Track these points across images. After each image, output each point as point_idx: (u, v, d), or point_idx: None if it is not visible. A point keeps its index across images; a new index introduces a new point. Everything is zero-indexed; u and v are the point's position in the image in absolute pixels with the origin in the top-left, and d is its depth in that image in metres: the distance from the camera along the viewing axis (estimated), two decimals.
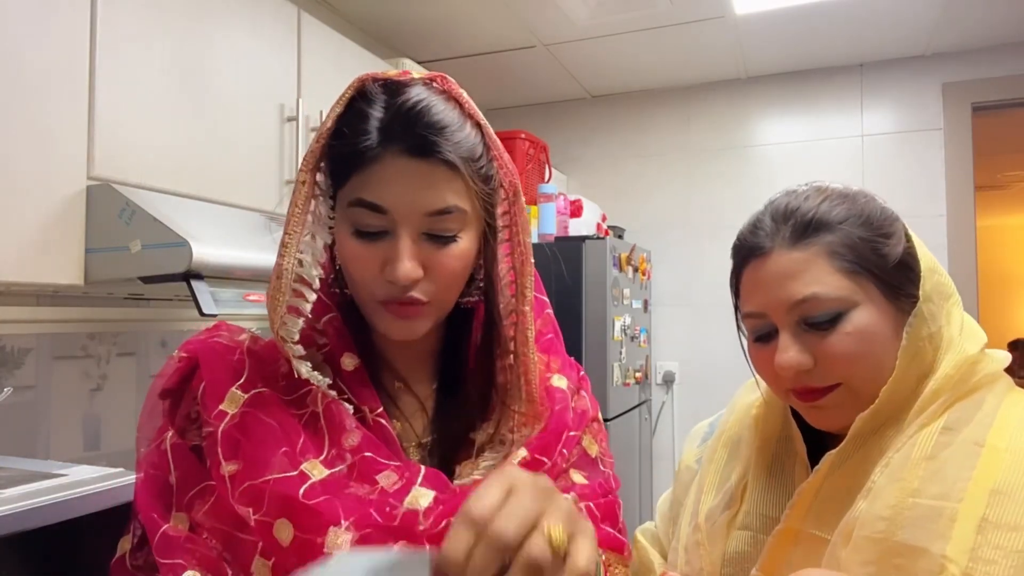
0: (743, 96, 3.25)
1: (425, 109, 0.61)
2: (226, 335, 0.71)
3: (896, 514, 0.62)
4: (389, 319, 0.65)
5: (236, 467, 0.61)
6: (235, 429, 0.62)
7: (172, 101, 1.51)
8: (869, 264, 0.69)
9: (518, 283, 0.69)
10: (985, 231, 4.12)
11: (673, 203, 3.34)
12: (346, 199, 0.63)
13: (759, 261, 0.72)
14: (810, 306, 0.68)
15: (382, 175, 0.61)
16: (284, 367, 0.67)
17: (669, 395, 3.30)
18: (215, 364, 0.66)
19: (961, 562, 0.58)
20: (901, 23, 2.68)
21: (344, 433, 0.64)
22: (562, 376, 0.76)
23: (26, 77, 1.25)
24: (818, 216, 0.70)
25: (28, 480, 1.13)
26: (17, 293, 1.51)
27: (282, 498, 0.59)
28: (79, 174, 1.34)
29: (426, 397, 0.72)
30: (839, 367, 0.69)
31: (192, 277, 1.33)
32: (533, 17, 2.62)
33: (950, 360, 0.68)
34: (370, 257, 0.63)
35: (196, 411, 0.66)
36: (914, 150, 2.97)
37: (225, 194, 1.62)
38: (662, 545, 0.93)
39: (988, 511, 0.60)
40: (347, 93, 0.64)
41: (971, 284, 2.83)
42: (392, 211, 0.61)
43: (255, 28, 1.73)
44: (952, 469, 0.62)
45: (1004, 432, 0.64)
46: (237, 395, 0.64)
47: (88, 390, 1.70)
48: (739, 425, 0.84)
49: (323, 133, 0.63)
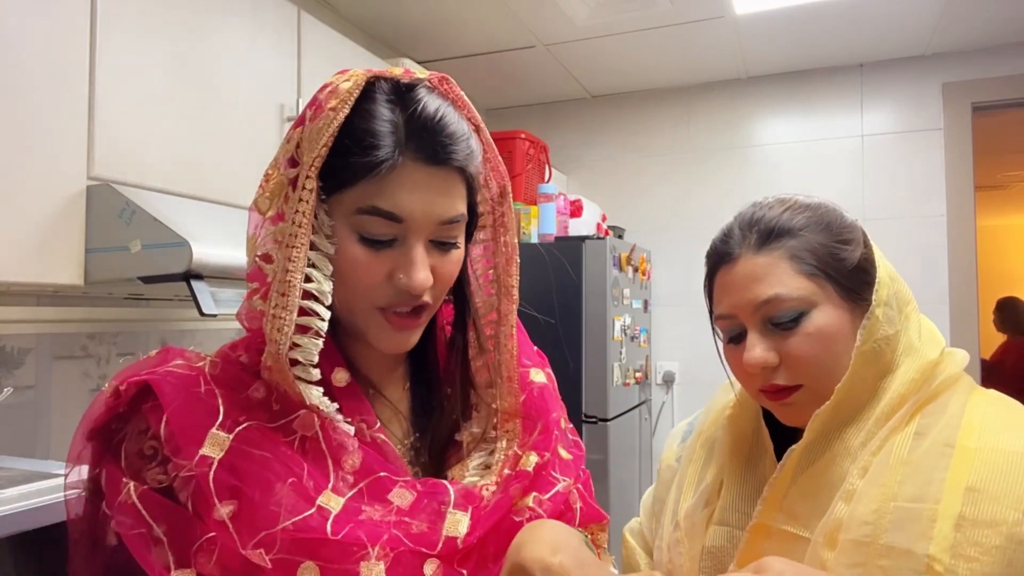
0: (743, 96, 3.25)
1: (442, 118, 0.60)
2: (181, 363, 0.63)
3: (879, 518, 0.65)
4: (388, 330, 0.63)
5: (232, 509, 0.56)
6: (227, 473, 0.57)
7: (172, 101, 1.51)
8: (828, 267, 0.74)
9: (501, 282, 0.70)
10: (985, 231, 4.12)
11: (673, 203, 3.34)
12: (353, 205, 0.60)
13: (728, 266, 0.78)
14: (773, 306, 0.73)
15: (399, 183, 0.59)
16: (259, 392, 0.62)
17: (669, 395, 3.30)
18: (178, 399, 0.59)
19: (944, 560, 0.61)
20: (901, 23, 2.68)
21: (345, 454, 0.61)
22: (538, 370, 0.78)
23: (26, 77, 1.25)
24: (780, 223, 0.76)
25: (28, 480, 1.13)
26: (17, 293, 1.51)
27: (307, 542, 0.56)
28: (79, 174, 1.34)
29: (398, 400, 0.72)
30: (801, 367, 0.74)
31: (192, 277, 1.33)
32: (533, 17, 2.62)
33: (911, 363, 0.73)
34: (377, 265, 0.61)
35: (152, 447, 0.59)
36: (914, 150, 2.97)
37: (225, 194, 1.62)
38: (646, 541, 0.98)
39: (964, 509, 0.63)
40: (353, 92, 0.59)
41: (971, 284, 2.83)
42: (408, 219, 0.60)
43: (255, 28, 1.73)
44: (926, 471, 0.66)
45: (971, 432, 0.68)
46: (220, 436, 0.58)
47: (88, 390, 1.70)
48: (714, 426, 0.89)
49: (331, 135, 0.58)
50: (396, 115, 0.60)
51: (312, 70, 1.89)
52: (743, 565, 0.74)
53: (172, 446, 0.58)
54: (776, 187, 3.45)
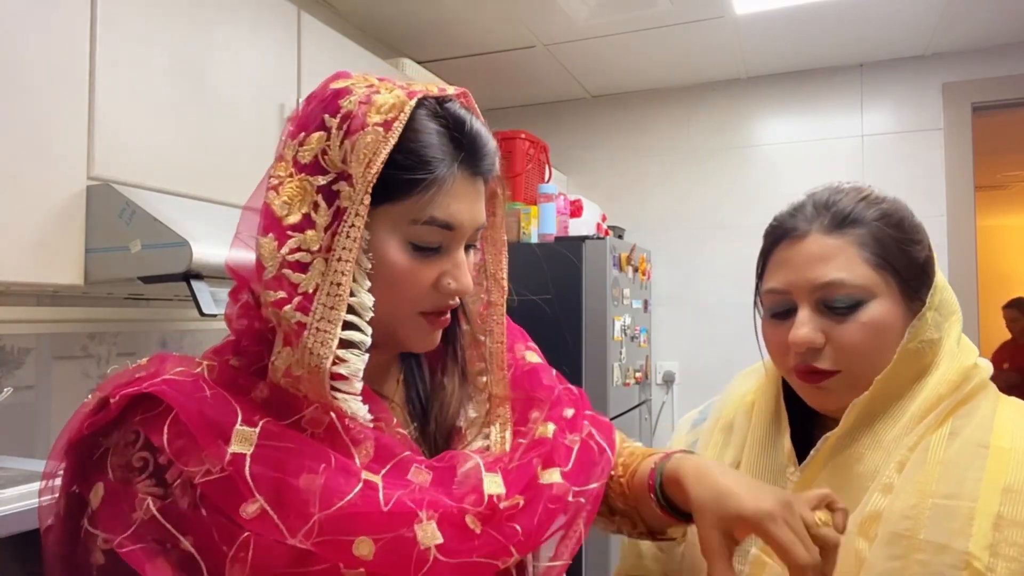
0: (743, 96, 3.24)
1: (482, 135, 0.66)
2: (180, 369, 0.63)
3: (918, 513, 0.67)
4: (427, 330, 0.68)
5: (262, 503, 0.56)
6: (264, 467, 0.57)
7: (172, 101, 1.51)
8: (895, 261, 0.75)
9: (491, 273, 0.74)
10: (985, 231, 4.12)
11: (673, 203, 3.34)
12: (406, 217, 0.62)
13: (794, 241, 0.78)
14: (834, 289, 0.74)
15: (452, 195, 0.63)
16: (263, 392, 0.63)
17: (669, 395, 3.30)
18: (190, 403, 0.59)
19: (983, 558, 0.63)
20: (901, 23, 2.68)
21: (359, 444, 0.62)
22: (531, 351, 0.82)
23: (26, 77, 1.25)
24: (856, 212, 0.76)
25: (28, 480, 1.14)
26: (17, 293, 1.51)
27: (360, 517, 0.57)
28: (79, 174, 1.34)
29: (392, 392, 0.74)
30: (846, 354, 0.74)
31: (192, 277, 1.33)
32: (533, 17, 2.62)
33: (950, 366, 0.75)
34: (426, 272, 0.64)
35: (142, 458, 0.59)
36: (914, 150, 2.97)
37: (225, 194, 1.62)
38: None
39: (1003, 508, 0.65)
40: (402, 108, 0.61)
41: (971, 284, 2.83)
42: (458, 228, 0.64)
43: (255, 28, 1.73)
44: (961, 469, 0.68)
45: (1004, 433, 0.70)
46: (246, 431, 0.58)
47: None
48: (733, 411, 0.90)
49: (388, 152, 0.59)
50: (445, 131, 0.64)
51: (312, 70, 1.89)
52: (768, 549, 0.74)
53: (186, 452, 0.57)
54: (776, 187, 3.48)
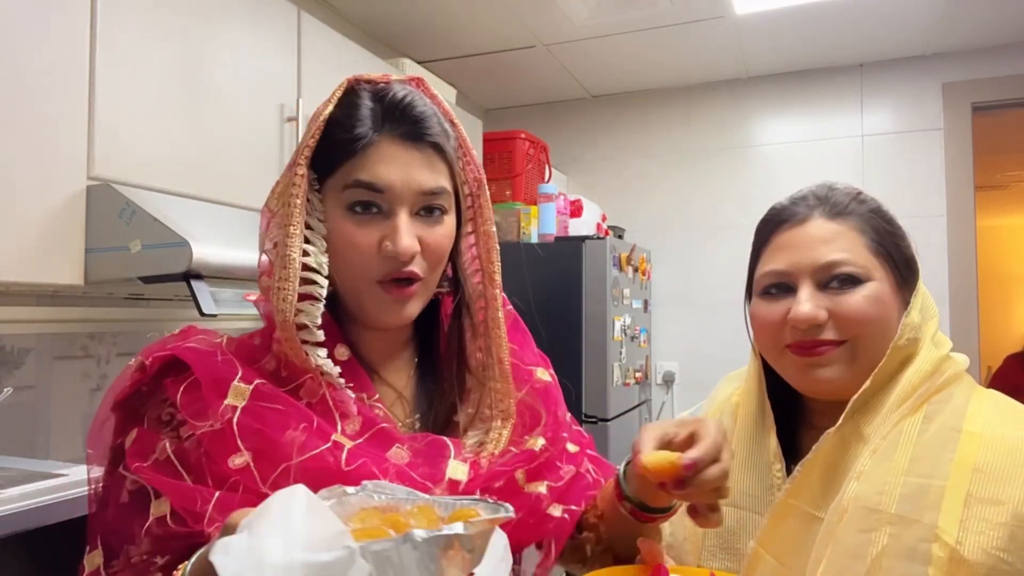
0: (743, 96, 3.25)
1: (411, 101, 0.69)
2: (201, 338, 0.71)
3: (890, 489, 0.70)
4: (387, 300, 0.70)
5: (248, 458, 0.61)
6: (250, 418, 0.63)
7: (172, 101, 1.51)
8: (890, 249, 0.80)
9: (485, 270, 0.76)
10: (985, 231, 4.11)
11: (673, 203, 3.34)
12: (340, 184, 0.68)
13: (795, 225, 0.81)
14: (836, 268, 0.77)
15: (378, 157, 0.67)
16: (271, 364, 0.69)
17: (669, 395, 3.30)
18: (202, 364, 0.66)
19: (952, 532, 0.66)
20: (901, 23, 2.68)
21: (347, 419, 0.67)
22: (543, 369, 0.84)
23: (26, 77, 1.25)
24: (852, 205, 0.81)
25: (28, 480, 1.14)
26: (17, 293, 1.51)
27: (321, 472, 0.61)
28: (79, 174, 1.34)
29: (403, 386, 0.77)
30: (851, 324, 0.77)
31: (192, 277, 1.33)
32: (533, 17, 2.62)
33: (925, 358, 0.77)
34: (367, 236, 0.67)
35: (169, 413, 0.66)
36: (914, 150, 2.97)
37: (225, 194, 1.62)
38: None
39: (972, 487, 0.67)
40: (337, 92, 0.69)
41: (971, 284, 2.83)
42: (388, 190, 0.67)
43: (255, 28, 1.73)
44: (934, 451, 0.71)
45: (977, 420, 0.72)
46: (241, 387, 0.65)
47: (88, 390, 1.70)
48: (720, 412, 0.92)
49: (318, 128, 0.68)
50: (372, 100, 0.69)
51: (312, 70, 1.89)
52: (766, 544, 0.76)
53: (191, 406, 0.64)
54: (776, 187, 3.43)
